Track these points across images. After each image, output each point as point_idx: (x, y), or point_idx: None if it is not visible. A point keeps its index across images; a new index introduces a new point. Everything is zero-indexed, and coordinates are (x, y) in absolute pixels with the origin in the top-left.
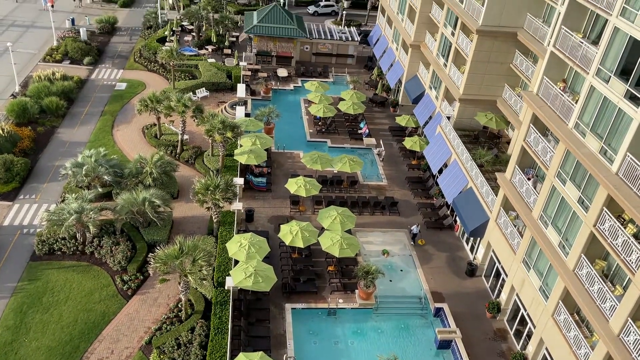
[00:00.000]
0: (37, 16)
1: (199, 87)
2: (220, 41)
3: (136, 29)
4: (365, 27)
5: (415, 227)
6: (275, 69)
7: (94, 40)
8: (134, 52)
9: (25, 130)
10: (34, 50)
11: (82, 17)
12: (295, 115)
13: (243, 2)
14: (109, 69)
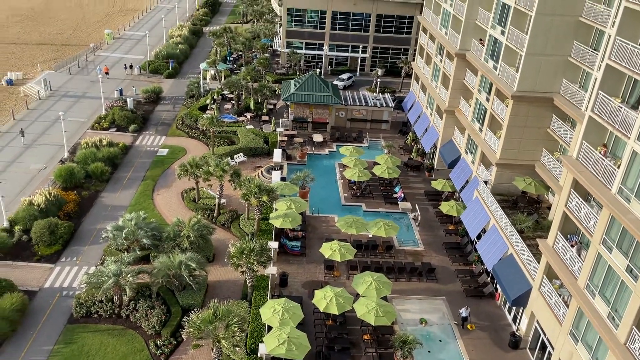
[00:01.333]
0: (89, 87)
1: (237, 152)
2: (258, 108)
3: (179, 98)
4: (399, 94)
5: (465, 310)
6: (311, 135)
7: (139, 108)
8: (176, 120)
9: (71, 195)
10: (83, 119)
11: (129, 87)
12: (330, 179)
13: (281, 72)
14: (152, 136)
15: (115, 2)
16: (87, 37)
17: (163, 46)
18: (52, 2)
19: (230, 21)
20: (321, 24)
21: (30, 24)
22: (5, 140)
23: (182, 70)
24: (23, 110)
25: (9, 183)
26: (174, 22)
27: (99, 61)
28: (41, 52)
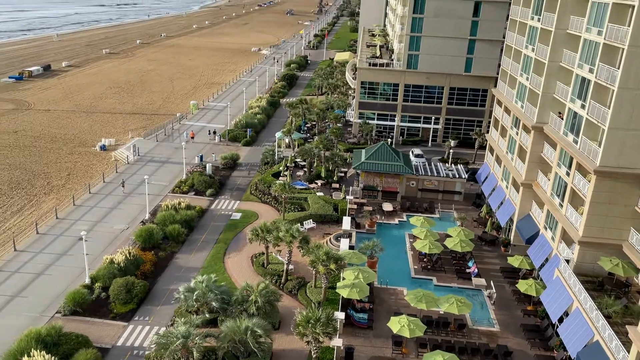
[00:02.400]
0: (173, 153)
1: (306, 218)
2: (329, 176)
3: (255, 164)
4: (473, 165)
5: None
6: (381, 203)
7: (217, 174)
8: (250, 185)
9: (149, 255)
10: (165, 183)
11: (209, 154)
12: (399, 250)
13: (352, 141)
14: (227, 200)
15: (203, 76)
16: (175, 107)
17: (242, 116)
18: (147, 76)
19: (306, 93)
20: (394, 96)
21: (125, 95)
22: (95, 201)
23: (259, 139)
24: (112, 174)
25: (95, 241)
26: (254, 94)
27: (183, 129)
28: (133, 121)
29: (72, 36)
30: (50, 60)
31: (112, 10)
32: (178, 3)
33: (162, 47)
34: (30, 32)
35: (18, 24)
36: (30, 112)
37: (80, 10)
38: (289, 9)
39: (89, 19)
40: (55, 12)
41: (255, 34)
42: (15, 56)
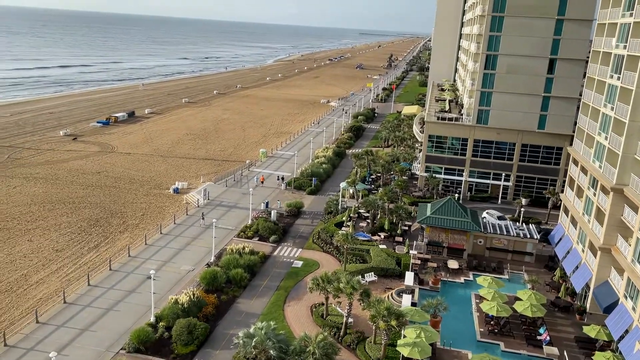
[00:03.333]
0: (240, 198)
1: (368, 271)
2: (392, 229)
3: (318, 213)
4: (545, 226)
5: None
6: (446, 260)
7: (281, 221)
8: (313, 234)
9: (211, 297)
10: (232, 227)
11: (275, 200)
12: (464, 310)
13: (418, 195)
14: (289, 248)
15: (273, 125)
16: (245, 154)
17: (308, 165)
18: (221, 124)
19: (372, 145)
20: (462, 150)
21: (200, 141)
22: (165, 241)
23: (324, 188)
24: (183, 216)
25: (162, 280)
26: (320, 144)
27: (252, 176)
28: (205, 166)
29: (156, 85)
30: (135, 107)
31: (195, 63)
32: (254, 57)
33: (237, 98)
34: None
35: (111, 74)
36: (113, 154)
37: (166, 62)
38: (359, 63)
39: (173, 71)
40: (145, 63)
41: (325, 87)
42: (104, 103)
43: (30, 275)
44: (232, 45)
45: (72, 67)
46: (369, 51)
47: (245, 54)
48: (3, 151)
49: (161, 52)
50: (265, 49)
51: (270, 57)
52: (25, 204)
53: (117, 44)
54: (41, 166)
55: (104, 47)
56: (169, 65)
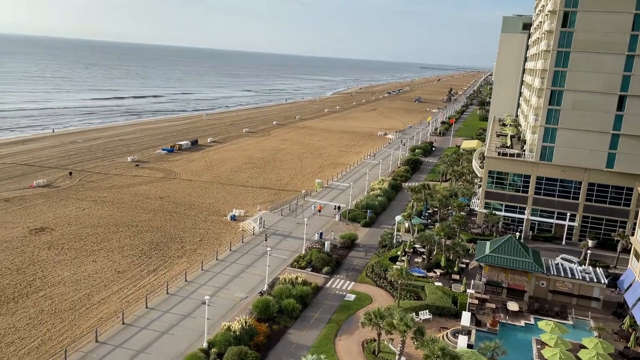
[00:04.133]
0: (294, 228)
1: (422, 308)
2: (449, 266)
3: (372, 246)
4: (614, 270)
5: None
6: (505, 302)
7: (334, 252)
8: (366, 267)
9: (263, 326)
10: (285, 256)
11: (329, 231)
12: (524, 356)
13: (476, 232)
14: (342, 280)
15: (329, 156)
16: (301, 184)
17: (364, 197)
18: (279, 154)
19: (429, 179)
20: (524, 187)
21: (258, 170)
22: (220, 268)
23: (378, 221)
24: (238, 243)
25: (215, 306)
26: (376, 176)
27: (307, 206)
28: (262, 194)
29: (219, 116)
30: (198, 136)
31: (258, 94)
32: (313, 90)
33: (295, 128)
34: (186, 112)
35: (178, 104)
36: (175, 180)
37: (231, 94)
38: (418, 97)
39: (236, 102)
40: (210, 95)
41: (383, 119)
42: (170, 131)
43: (93, 294)
44: (293, 78)
45: (143, 98)
46: (428, 85)
47: (306, 87)
48: (76, 175)
49: (226, 83)
50: (325, 82)
51: (330, 89)
52: (92, 226)
53: (184, 76)
54: (109, 190)
55: (172, 78)
56: (233, 97)
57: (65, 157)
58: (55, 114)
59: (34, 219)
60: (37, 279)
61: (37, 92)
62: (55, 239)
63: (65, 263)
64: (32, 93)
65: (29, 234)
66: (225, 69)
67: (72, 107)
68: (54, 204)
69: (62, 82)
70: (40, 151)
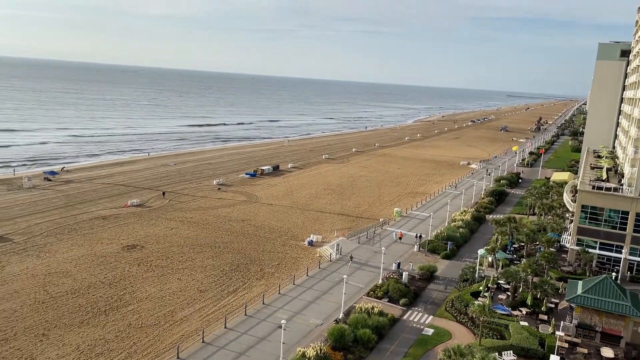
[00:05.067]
0: (371, 256)
1: (506, 349)
2: (536, 305)
3: (452, 279)
4: None
5: None
6: (599, 347)
7: (412, 284)
8: (446, 301)
9: (338, 355)
10: (362, 285)
11: (407, 262)
12: None
13: (567, 270)
14: (420, 313)
15: (409, 185)
16: (379, 212)
17: (444, 228)
18: (357, 181)
19: (516, 212)
20: (622, 224)
21: (336, 196)
22: (297, 292)
23: (459, 253)
24: (315, 269)
25: (291, 331)
26: (458, 207)
27: (384, 234)
28: (339, 221)
29: (300, 142)
30: (280, 161)
31: (339, 122)
32: (395, 117)
33: (374, 156)
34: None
35: (262, 131)
36: (256, 204)
37: (313, 120)
38: (504, 126)
39: (317, 129)
40: (293, 122)
41: (466, 148)
42: (253, 156)
43: (176, 312)
44: (374, 106)
45: (230, 125)
46: (516, 113)
47: (387, 114)
48: (166, 196)
49: (307, 111)
50: (407, 110)
51: (411, 117)
52: (178, 245)
53: (271, 103)
54: (195, 211)
55: (257, 106)
56: (315, 124)
57: (157, 178)
58: (151, 139)
59: (126, 236)
60: (127, 293)
61: (134, 118)
62: (145, 256)
63: (152, 279)
64: (130, 119)
65: (121, 250)
66: (304, 96)
67: (166, 132)
68: (145, 222)
69: (157, 109)
70: (135, 173)
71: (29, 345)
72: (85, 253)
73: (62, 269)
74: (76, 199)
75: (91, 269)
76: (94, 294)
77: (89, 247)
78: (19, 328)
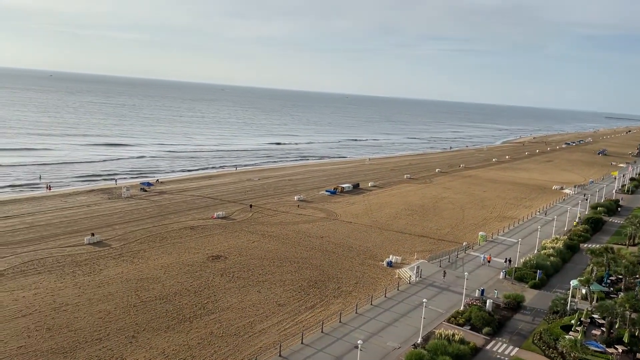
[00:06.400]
0: (454, 281)
1: None
2: (634, 343)
3: (541, 310)
4: None
5: None
6: None
7: (497, 312)
8: (533, 334)
9: None
10: (442, 310)
11: (492, 289)
12: None
13: None
14: (504, 344)
15: (495, 208)
16: (462, 236)
17: (533, 255)
18: (439, 203)
19: (614, 241)
20: None
21: (417, 217)
22: (374, 313)
23: (550, 283)
24: (394, 290)
25: (367, 352)
26: (549, 234)
27: (468, 259)
28: (420, 243)
29: (381, 161)
30: (360, 179)
31: (423, 142)
32: (482, 138)
33: (459, 177)
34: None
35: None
36: (336, 222)
37: (396, 139)
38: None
39: (400, 147)
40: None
41: (558, 172)
42: (334, 174)
43: (255, 324)
44: (462, 126)
45: (315, 143)
46: (615, 136)
47: (475, 134)
48: (248, 209)
49: (394, 130)
50: (496, 130)
51: (499, 138)
52: (259, 258)
53: (354, 122)
54: (276, 225)
55: (344, 125)
56: (398, 142)
57: (242, 192)
58: (238, 156)
59: (212, 247)
60: (210, 302)
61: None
62: (228, 266)
63: (234, 290)
64: (222, 135)
65: (206, 260)
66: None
67: (252, 149)
68: (229, 234)
69: (245, 126)
70: (222, 186)
71: (119, 346)
72: (173, 261)
73: (153, 275)
74: (168, 209)
75: (178, 277)
76: (180, 300)
77: (177, 256)
78: (112, 329)
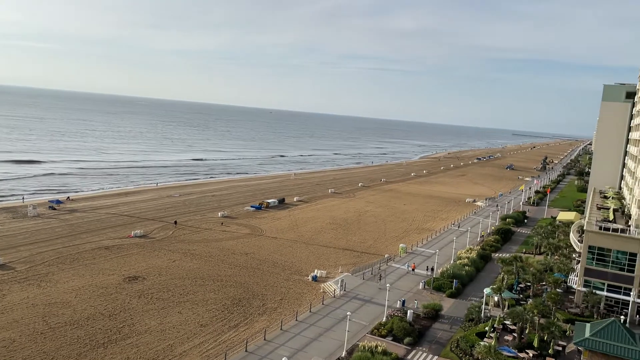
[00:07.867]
0: (376, 293)
1: None
2: (543, 347)
3: (458, 319)
4: None
5: None
6: None
7: (417, 322)
8: (451, 341)
9: None
10: (365, 322)
11: (412, 300)
12: None
13: (574, 312)
14: (424, 353)
15: (414, 221)
16: (384, 248)
17: (450, 266)
18: (363, 216)
19: (521, 250)
20: (629, 266)
21: (341, 231)
22: (299, 329)
23: (465, 292)
24: (318, 305)
25: None
26: (464, 244)
27: (390, 270)
28: (344, 256)
29: (306, 175)
30: (285, 194)
31: (346, 157)
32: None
33: (380, 191)
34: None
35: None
36: (261, 237)
37: (320, 153)
38: (510, 164)
39: (323, 162)
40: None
41: (471, 186)
42: (259, 189)
43: (176, 346)
44: (382, 142)
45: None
46: (522, 152)
47: (394, 150)
48: (168, 227)
49: (314, 145)
50: (414, 146)
51: (417, 153)
52: (181, 278)
53: (279, 137)
54: (198, 243)
55: (268, 140)
56: (322, 157)
57: (163, 209)
58: (159, 172)
59: (128, 267)
60: (126, 326)
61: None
62: (146, 288)
63: (152, 312)
64: (140, 150)
65: (123, 282)
66: (314, 130)
67: (173, 165)
68: (148, 254)
69: (165, 140)
70: (140, 203)
71: None
72: (86, 283)
73: (63, 299)
74: (80, 228)
75: (91, 300)
76: (93, 325)
77: (90, 278)
78: (17, 358)
